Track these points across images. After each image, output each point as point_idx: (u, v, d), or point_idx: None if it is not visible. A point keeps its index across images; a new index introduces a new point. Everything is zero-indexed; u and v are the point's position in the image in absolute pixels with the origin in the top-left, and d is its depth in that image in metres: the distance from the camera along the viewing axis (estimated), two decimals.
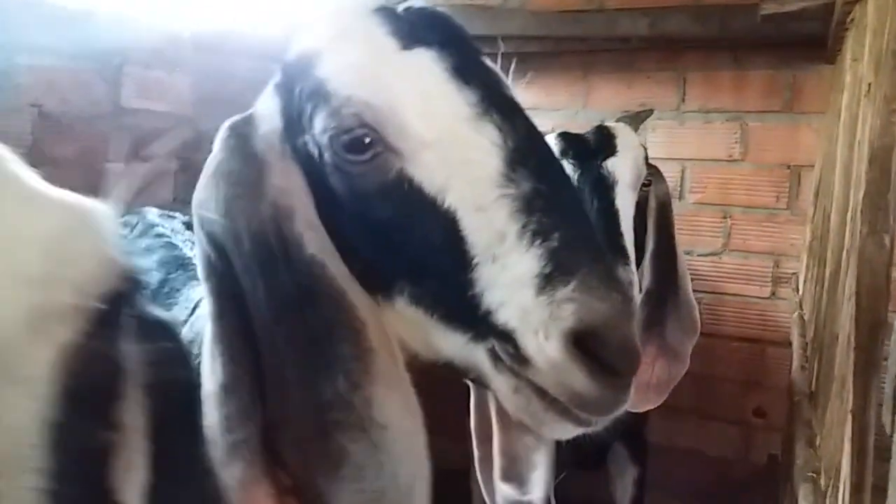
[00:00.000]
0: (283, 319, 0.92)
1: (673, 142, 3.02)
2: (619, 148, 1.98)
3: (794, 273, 2.83)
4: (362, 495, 0.92)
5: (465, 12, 2.78)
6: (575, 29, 2.95)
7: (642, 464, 2.39)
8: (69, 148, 2.48)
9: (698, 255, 3.02)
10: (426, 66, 0.92)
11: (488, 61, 1.00)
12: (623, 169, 1.96)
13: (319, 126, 0.94)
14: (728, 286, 3.01)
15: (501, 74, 1.00)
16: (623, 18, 2.86)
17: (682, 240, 2.87)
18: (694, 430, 3.10)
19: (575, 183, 1.93)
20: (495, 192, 0.88)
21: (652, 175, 2.06)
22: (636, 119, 2.21)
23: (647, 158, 2.01)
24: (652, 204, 2.07)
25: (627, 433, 2.33)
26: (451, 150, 0.90)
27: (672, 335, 1.99)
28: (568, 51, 3.12)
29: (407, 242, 0.92)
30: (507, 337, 0.86)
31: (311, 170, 0.97)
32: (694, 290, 2.25)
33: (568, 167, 1.96)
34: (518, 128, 0.92)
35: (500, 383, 0.90)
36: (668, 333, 1.97)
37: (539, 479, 1.18)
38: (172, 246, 1.85)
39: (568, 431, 0.91)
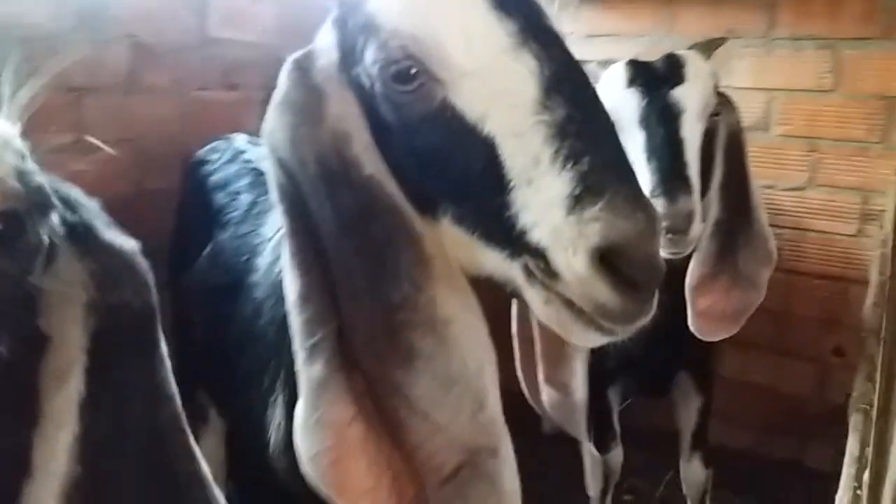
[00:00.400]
0: (349, 234, 1.02)
1: (760, 70, 2.90)
2: (687, 77, 1.95)
3: (882, 210, 2.72)
4: (436, 381, 1.02)
5: None
6: None
7: (707, 394, 2.41)
8: (162, 77, 2.63)
9: (782, 190, 2.93)
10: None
11: None
12: (690, 98, 1.93)
13: (370, 58, 1.01)
14: (812, 222, 2.92)
15: (544, 4, 1.02)
16: None
17: (765, 173, 2.81)
18: (770, 367, 3.07)
19: (641, 111, 1.92)
20: (531, 118, 0.92)
21: (722, 105, 2.02)
22: (708, 46, 2.15)
23: (717, 88, 1.98)
24: (721, 134, 2.02)
25: (693, 362, 2.36)
26: (490, 79, 0.95)
27: (746, 265, 1.98)
28: None
29: (450, 167, 0.99)
30: (539, 254, 0.92)
31: (365, 98, 1.04)
32: (776, 226, 2.20)
33: (635, 95, 1.95)
34: (554, 56, 0.95)
35: (533, 295, 0.97)
36: (741, 263, 1.97)
37: (579, 383, 1.24)
38: (259, 172, 1.95)
39: (594, 340, 0.97)
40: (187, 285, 1.91)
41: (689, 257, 1.96)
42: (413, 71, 0.98)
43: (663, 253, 1.82)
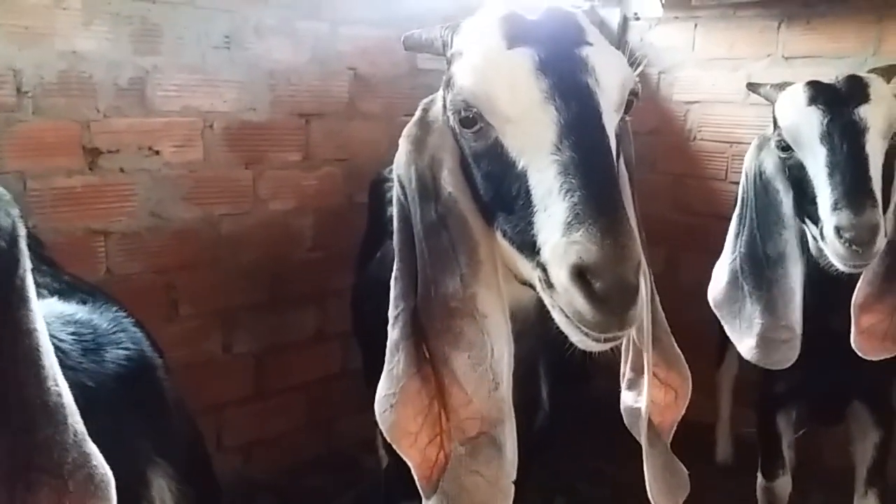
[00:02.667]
0: (430, 235, 1.31)
1: None
2: (871, 96, 1.94)
3: None
4: (471, 360, 1.29)
5: None
6: None
7: (887, 428, 2.29)
8: (376, 104, 3.03)
9: None
10: (519, 62, 1.19)
11: (579, 50, 1.21)
12: (875, 117, 1.92)
13: (449, 106, 1.28)
14: None
15: (583, 62, 1.20)
16: None
17: None
18: None
19: (824, 128, 1.94)
20: (548, 157, 1.13)
21: None
22: (889, 71, 2.11)
23: None
24: None
25: (869, 393, 2.26)
26: (525, 126, 1.17)
27: None
28: None
29: (500, 191, 1.23)
30: (544, 268, 1.12)
31: (455, 134, 1.31)
32: None
33: (816, 112, 1.97)
34: (571, 108, 1.15)
35: (546, 302, 1.16)
36: None
37: (645, 392, 1.39)
38: None
39: (589, 345, 1.13)
40: (362, 283, 2.31)
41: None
42: (472, 118, 1.23)
43: (845, 266, 1.87)
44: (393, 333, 1.35)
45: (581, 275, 1.04)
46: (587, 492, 3.04)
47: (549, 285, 1.12)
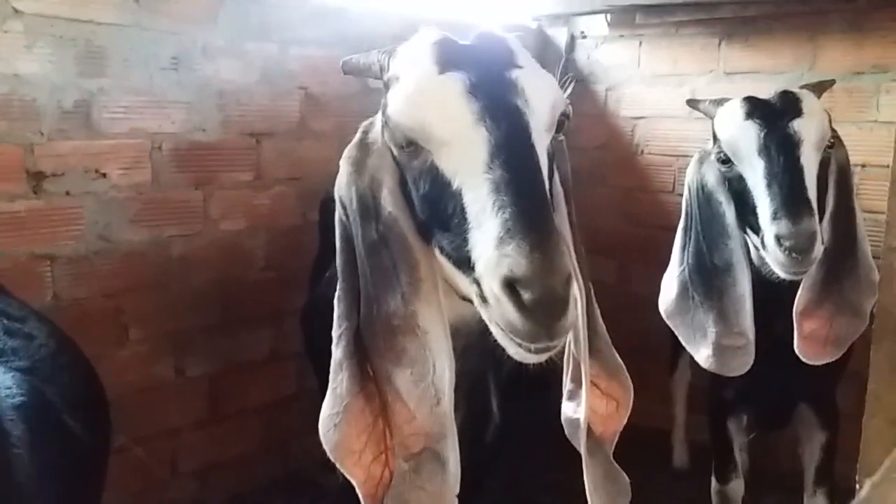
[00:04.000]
0: (371, 254, 1.34)
1: None
2: (804, 111, 2.02)
3: None
4: (413, 377, 1.31)
5: None
6: None
7: (832, 429, 2.37)
8: (327, 123, 3.04)
9: None
10: (450, 86, 1.22)
11: (509, 73, 1.25)
12: (809, 130, 2.00)
13: (385, 131, 1.33)
14: None
15: (513, 84, 1.24)
16: None
17: None
18: None
19: (761, 140, 2.01)
20: (481, 176, 1.17)
21: (834, 139, 2.07)
22: (819, 87, 2.21)
23: (830, 123, 2.04)
24: (833, 167, 2.08)
25: (814, 396, 2.33)
26: (458, 147, 1.21)
27: (850, 293, 2.02)
28: (793, 13, 3.05)
29: (437, 210, 1.26)
30: (478, 282, 1.16)
31: (393, 155, 1.35)
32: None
33: (753, 126, 2.04)
34: (501, 128, 1.19)
35: (483, 315, 1.20)
36: (846, 291, 2.00)
37: (583, 402, 1.42)
38: None
39: (524, 357, 1.16)
40: (311, 302, 2.33)
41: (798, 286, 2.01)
42: (408, 141, 1.27)
43: (786, 273, 1.93)
44: (336, 352, 1.37)
45: (511, 286, 1.08)
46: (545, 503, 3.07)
47: (484, 299, 1.15)
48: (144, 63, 2.48)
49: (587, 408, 1.41)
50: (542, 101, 1.25)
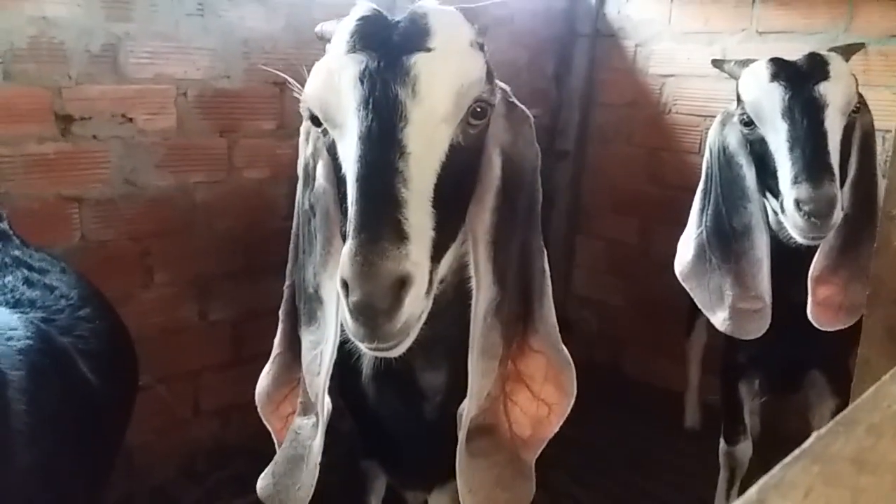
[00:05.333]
0: (304, 221, 1.43)
1: None
2: (831, 74, 1.99)
3: None
4: (310, 344, 1.39)
5: None
6: None
7: (843, 396, 2.37)
8: None
9: None
10: (349, 66, 1.19)
11: (408, 57, 1.19)
12: (835, 93, 1.97)
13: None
14: None
15: (405, 71, 1.18)
16: None
17: None
18: None
19: (785, 103, 1.98)
20: (352, 168, 1.16)
21: (860, 104, 2.03)
22: (848, 51, 2.16)
23: (857, 87, 2.00)
24: (857, 133, 2.05)
25: (827, 362, 2.33)
26: (345, 134, 1.19)
27: (867, 261, 1.98)
28: None
29: (341, 193, 1.25)
30: None
31: None
32: None
33: (778, 89, 2.01)
34: (371, 120, 1.15)
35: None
36: (862, 259, 1.96)
37: (468, 400, 1.39)
38: None
39: (372, 354, 1.21)
40: None
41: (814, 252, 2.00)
42: (316, 120, 1.26)
43: (803, 238, 1.91)
44: (282, 305, 1.48)
45: (345, 286, 1.07)
46: (554, 456, 3.13)
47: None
48: (171, 8, 2.49)
49: (473, 403, 1.34)
50: (440, 88, 1.18)
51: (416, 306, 1.09)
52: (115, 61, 2.40)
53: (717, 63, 2.36)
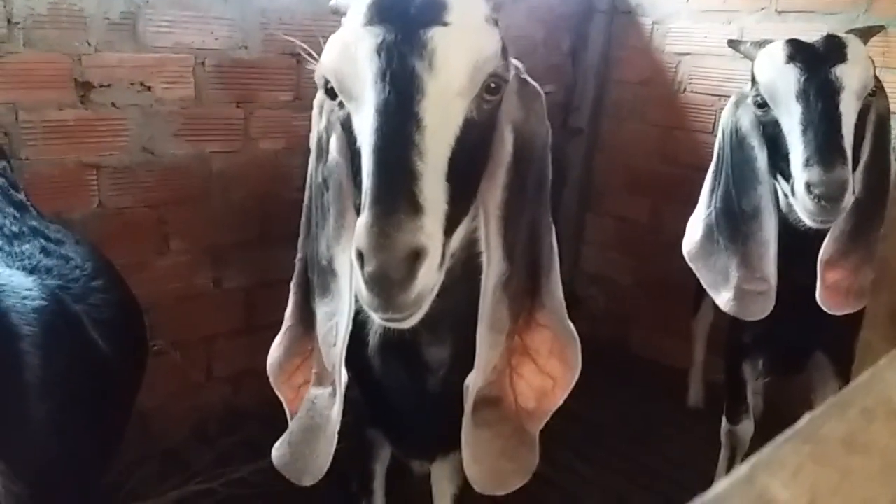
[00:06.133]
0: (317, 194, 1.44)
1: None
2: (849, 56, 1.98)
3: None
4: (325, 315, 1.42)
5: None
6: None
7: (846, 378, 2.39)
8: None
9: None
10: (365, 41, 1.19)
11: (424, 31, 1.18)
12: (851, 77, 1.96)
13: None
14: None
15: (422, 44, 1.18)
16: None
17: None
18: None
19: (801, 85, 1.98)
20: (368, 140, 1.16)
21: (876, 88, 2.02)
22: (866, 33, 2.14)
23: (874, 70, 1.99)
24: (872, 117, 2.04)
25: (831, 344, 2.35)
26: (361, 106, 1.20)
27: (877, 246, 2.00)
28: None
29: (355, 166, 1.25)
30: None
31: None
32: None
33: (794, 70, 2.00)
34: (388, 92, 1.16)
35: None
36: (872, 244, 1.97)
37: (476, 371, 1.41)
38: None
39: (384, 324, 1.23)
40: None
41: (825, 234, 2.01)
42: (332, 91, 1.26)
43: (813, 221, 1.91)
44: (291, 283, 1.50)
45: (360, 258, 1.09)
46: (559, 431, 3.17)
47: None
48: None
49: (480, 375, 1.37)
50: (456, 62, 1.18)
51: (429, 278, 1.11)
52: (135, 29, 2.42)
53: (733, 44, 2.35)
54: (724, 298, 2.21)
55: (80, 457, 1.47)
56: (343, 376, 1.41)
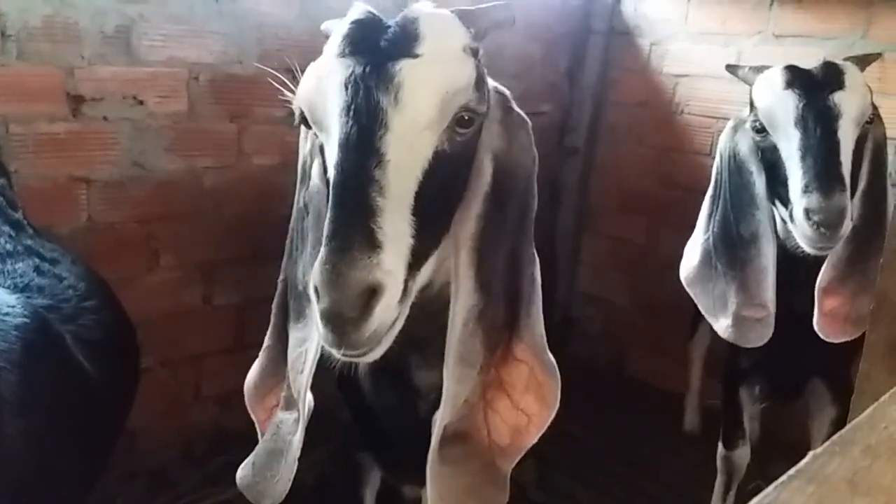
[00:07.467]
0: (298, 217, 1.47)
1: None
2: (847, 84, 1.98)
3: None
4: (300, 335, 1.41)
5: None
6: None
7: (843, 405, 2.36)
8: None
9: None
10: (337, 71, 1.18)
11: (393, 64, 1.16)
12: (849, 104, 1.96)
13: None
14: None
15: (389, 77, 1.16)
16: None
17: None
18: None
19: (799, 111, 1.97)
20: (332, 172, 1.16)
21: (874, 115, 2.03)
22: (864, 60, 2.15)
23: (871, 98, 2.00)
24: (869, 144, 2.04)
25: (829, 371, 2.33)
26: (329, 137, 1.19)
27: (875, 274, 1.97)
28: None
29: (327, 192, 1.24)
30: None
31: None
32: None
33: (792, 96, 1.99)
34: (351, 127, 1.15)
35: None
36: (871, 271, 1.95)
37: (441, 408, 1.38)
38: None
39: (345, 359, 1.18)
40: None
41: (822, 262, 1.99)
42: (306, 122, 1.26)
43: (812, 248, 1.90)
44: (275, 298, 1.50)
45: (316, 293, 1.08)
46: (555, 454, 3.14)
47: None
48: None
49: (447, 410, 1.33)
50: (424, 96, 1.16)
51: (387, 315, 1.09)
52: (129, 43, 2.40)
53: (731, 68, 2.35)
54: (722, 325, 2.19)
55: (58, 476, 1.44)
56: (308, 403, 1.39)
